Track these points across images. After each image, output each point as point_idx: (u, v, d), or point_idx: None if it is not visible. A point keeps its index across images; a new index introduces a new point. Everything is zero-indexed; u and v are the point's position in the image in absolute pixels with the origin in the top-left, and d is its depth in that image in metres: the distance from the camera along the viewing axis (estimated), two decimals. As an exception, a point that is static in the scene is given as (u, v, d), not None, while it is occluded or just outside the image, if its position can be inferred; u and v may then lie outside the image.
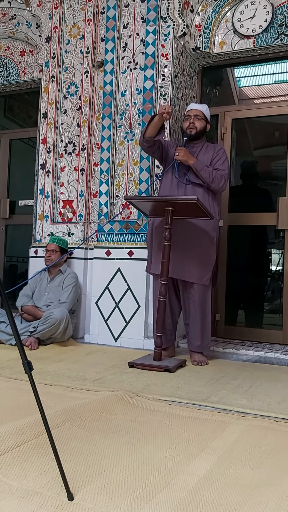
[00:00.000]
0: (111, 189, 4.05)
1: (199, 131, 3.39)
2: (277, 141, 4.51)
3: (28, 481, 1.39)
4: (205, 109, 3.45)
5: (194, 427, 1.92)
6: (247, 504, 1.30)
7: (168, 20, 3.93)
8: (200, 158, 3.31)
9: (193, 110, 3.42)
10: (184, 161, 3.22)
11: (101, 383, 2.57)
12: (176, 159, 3.23)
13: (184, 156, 3.20)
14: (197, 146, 3.41)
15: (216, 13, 4.05)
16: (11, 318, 1.39)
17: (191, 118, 3.39)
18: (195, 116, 3.39)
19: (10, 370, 2.81)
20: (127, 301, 3.85)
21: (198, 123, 3.38)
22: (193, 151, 3.36)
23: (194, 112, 3.40)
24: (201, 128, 3.40)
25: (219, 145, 3.56)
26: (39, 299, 3.95)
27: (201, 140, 3.45)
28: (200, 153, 3.36)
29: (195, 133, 3.37)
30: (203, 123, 3.41)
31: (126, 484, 1.39)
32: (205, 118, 3.43)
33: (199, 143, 3.44)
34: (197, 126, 3.38)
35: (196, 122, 3.38)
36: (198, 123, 3.38)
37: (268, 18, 3.86)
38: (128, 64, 4.04)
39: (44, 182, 4.39)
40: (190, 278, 3.23)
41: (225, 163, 3.34)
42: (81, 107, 4.26)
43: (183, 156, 3.20)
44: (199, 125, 3.38)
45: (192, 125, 3.38)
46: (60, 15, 4.37)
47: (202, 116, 3.40)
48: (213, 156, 3.34)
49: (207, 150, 3.39)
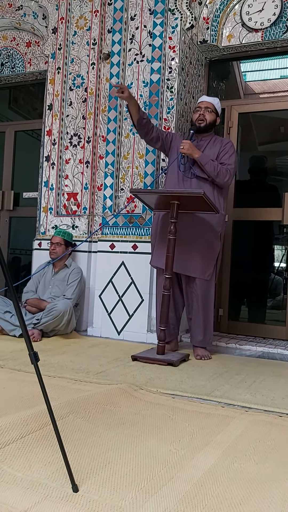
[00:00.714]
0: (116, 182, 4.04)
1: (209, 123, 3.36)
2: (282, 137, 4.49)
3: (32, 472, 1.38)
4: (216, 102, 3.43)
5: (198, 421, 1.92)
6: (252, 498, 1.29)
7: (176, 12, 3.89)
8: (207, 151, 3.29)
9: (204, 102, 3.39)
10: (189, 154, 3.19)
11: (104, 376, 2.57)
12: (181, 152, 3.20)
13: (189, 150, 3.17)
14: (205, 139, 3.38)
15: (224, 5, 4.01)
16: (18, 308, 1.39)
17: (201, 110, 3.37)
18: (206, 108, 3.36)
19: (13, 361, 2.81)
20: (130, 294, 3.85)
21: (208, 116, 3.36)
22: (200, 144, 3.34)
23: (205, 104, 3.38)
24: (211, 121, 3.37)
25: (226, 139, 3.52)
26: (43, 292, 3.95)
27: (209, 133, 3.43)
28: (208, 147, 3.33)
29: (204, 125, 3.35)
30: (213, 116, 3.38)
31: (130, 477, 1.38)
32: (216, 111, 3.40)
33: (208, 136, 3.41)
34: (207, 119, 3.36)
35: (206, 114, 3.35)
36: (208, 115, 3.36)
37: (276, 12, 3.82)
38: (135, 56, 4.01)
39: (49, 174, 4.37)
40: (193, 273, 3.21)
41: (232, 157, 3.30)
42: (87, 99, 4.24)
43: (188, 150, 3.17)
44: (209, 117, 3.36)
45: (202, 117, 3.35)
46: (67, 6, 4.34)
47: (212, 109, 3.37)
48: (220, 150, 3.31)
49: (215, 144, 3.36)
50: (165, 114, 3.89)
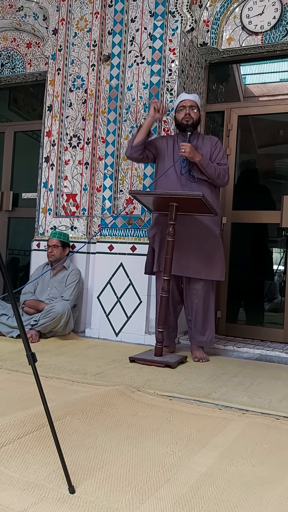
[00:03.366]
0: (115, 183, 4.04)
1: (196, 122, 3.35)
2: (281, 140, 4.49)
3: (29, 473, 1.38)
4: (198, 99, 3.39)
5: (195, 423, 1.92)
6: (249, 501, 1.29)
7: (176, 14, 3.90)
8: (199, 151, 3.27)
9: (187, 101, 3.35)
10: (190, 158, 3.16)
11: (102, 377, 2.57)
12: (182, 155, 3.17)
13: (191, 153, 3.14)
14: (193, 139, 3.36)
15: (225, 8, 4.02)
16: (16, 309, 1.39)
17: (186, 109, 3.34)
18: (190, 107, 3.33)
19: (11, 362, 2.81)
20: (128, 296, 3.85)
21: (194, 114, 3.34)
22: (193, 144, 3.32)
23: (189, 103, 3.34)
24: (197, 119, 3.36)
25: (214, 137, 3.48)
26: (41, 294, 3.94)
27: (195, 133, 3.41)
28: (199, 147, 3.31)
29: (191, 123, 3.32)
30: (198, 114, 3.36)
31: (127, 478, 1.38)
32: (199, 109, 3.39)
33: (194, 135, 3.38)
34: (194, 117, 3.33)
35: (191, 113, 3.33)
36: (194, 114, 3.34)
37: (276, 15, 3.83)
38: (135, 58, 4.02)
39: (48, 175, 4.37)
40: (195, 274, 3.21)
41: (224, 156, 3.34)
42: (86, 101, 4.24)
43: (189, 153, 3.13)
44: (195, 116, 3.34)
45: (188, 116, 3.33)
46: (67, 8, 4.35)
47: (196, 107, 3.35)
48: (211, 150, 3.31)
49: (204, 143, 3.35)
50: (165, 116, 3.90)
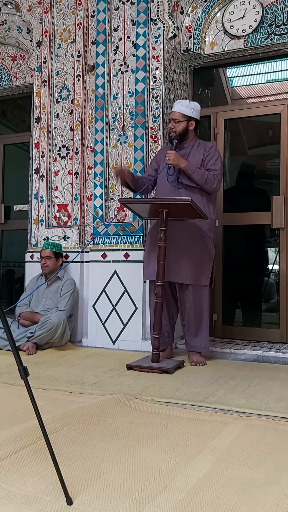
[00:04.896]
0: (106, 192, 4.06)
1: (179, 134, 3.34)
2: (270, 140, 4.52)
3: (27, 487, 1.39)
4: (185, 107, 3.36)
5: (192, 428, 1.93)
6: (246, 504, 1.30)
7: (158, 22, 3.93)
8: (191, 158, 3.29)
9: (172, 114, 3.38)
10: (175, 164, 3.19)
11: (99, 387, 2.57)
12: (167, 163, 3.20)
13: (175, 160, 3.16)
14: (188, 146, 3.38)
15: (206, 14, 4.06)
16: (5, 323, 1.40)
17: (170, 122, 3.38)
18: (174, 120, 3.35)
19: (8, 375, 2.80)
20: (124, 303, 3.85)
21: (177, 127, 3.34)
22: (184, 152, 3.34)
23: (173, 116, 3.36)
24: (181, 131, 3.34)
25: (210, 143, 3.52)
26: (36, 305, 3.95)
27: (191, 139, 3.41)
28: (191, 153, 3.34)
29: (174, 136, 3.34)
30: (182, 125, 3.34)
31: (124, 487, 1.39)
32: (186, 117, 3.34)
33: (189, 142, 3.40)
34: (177, 130, 3.34)
35: (175, 126, 3.35)
36: (177, 126, 3.34)
37: (258, 18, 3.87)
38: (120, 67, 4.05)
39: (39, 186, 4.39)
40: (185, 280, 3.22)
41: (217, 162, 3.30)
42: (73, 111, 4.26)
43: (173, 160, 3.16)
44: (178, 128, 3.34)
45: (172, 130, 3.36)
46: (50, 20, 4.38)
47: (179, 118, 3.34)
48: (204, 155, 3.32)
49: (198, 149, 3.36)
50: (152, 123, 3.93)
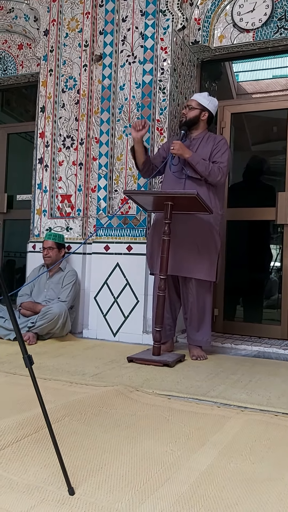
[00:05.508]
0: (110, 183, 4.04)
1: (189, 119, 3.34)
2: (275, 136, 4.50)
3: (28, 476, 1.38)
4: (202, 97, 3.38)
5: (194, 421, 1.92)
6: (249, 498, 1.29)
7: (167, 13, 3.90)
8: (200, 150, 3.27)
9: (188, 101, 3.42)
10: (180, 154, 3.17)
11: (100, 378, 2.57)
12: (172, 153, 3.19)
13: (180, 150, 3.15)
14: (197, 138, 3.37)
15: (216, 6, 4.02)
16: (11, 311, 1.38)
17: (184, 108, 3.39)
18: (188, 106, 3.37)
19: (9, 364, 2.80)
20: (125, 296, 3.84)
21: (189, 113, 3.35)
22: (192, 143, 3.33)
23: (188, 102, 3.40)
24: (192, 117, 3.34)
25: (220, 136, 3.50)
26: (38, 296, 3.94)
27: (201, 131, 3.40)
28: (200, 146, 3.32)
29: (184, 121, 3.34)
30: (195, 112, 3.34)
31: (127, 479, 1.38)
32: (201, 106, 3.35)
33: (199, 134, 3.38)
34: (187, 116, 3.35)
35: (187, 111, 3.35)
36: (189, 112, 3.35)
37: (267, 12, 3.83)
38: (127, 58, 4.02)
39: (42, 176, 4.36)
40: (189, 273, 3.21)
41: (224, 155, 3.26)
42: (79, 101, 4.23)
43: (178, 150, 3.15)
44: (190, 114, 3.35)
45: (183, 114, 3.37)
46: (58, 8, 4.33)
47: (194, 105, 3.34)
48: (212, 148, 3.29)
49: (208, 142, 3.34)
50: (158, 115, 3.90)
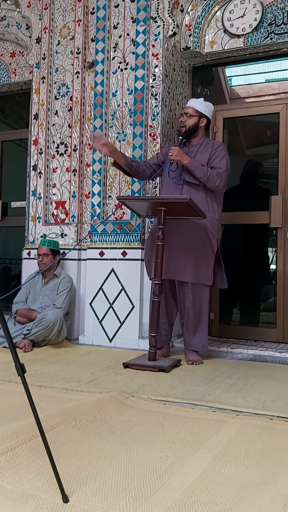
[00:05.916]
0: (104, 189, 4.05)
1: (189, 128, 3.36)
2: (269, 140, 4.52)
3: (23, 484, 1.38)
4: (199, 104, 3.39)
5: (189, 426, 1.92)
6: (243, 503, 1.30)
7: (158, 20, 3.92)
8: (198, 156, 3.29)
9: (185, 108, 3.43)
10: (178, 161, 3.19)
11: (96, 384, 2.57)
12: (170, 159, 3.21)
13: (178, 156, 3.17)
14: (196, 144, 3.39)
15: (206, 12, 4.05)
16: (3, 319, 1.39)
17: (182, 116, 3.40)
18: (185, 114, 3.38)
19: (4, 372, 2.79)
20: (121, 301, 3.85)
21: (188, 121, 3.37)
22: (191, 150, 3.35)
23: (185, 110, 3.41)
24: (191, 125, 3.36)
25: (218, 142, 3.52)
26: (33, 303, 3.93)
27: (200, 137, 3.42)
28: (199, 152, 3.34)
29: (184, 131, 3.36)
30: (193, 120, 3.37)
31: (121, 485, 1.38)
32: (198, 113, 3.37)
33: (198, 140, 3.40)
34: (187, 124, 3.37)
35: (186, 120, 3.37)
36: (188, 120, 3.37)
37: (258, 17, 3.86)
38: (119, 65, 4.04)
39: (36, 183, 4.37)
40: (186, 278, 3.21)
41: (222, 160, 3.27)
42: (72, 108, 4.25)
43: (176, 156, 3.16)
44: (189, 122, 3.37)
45: (182, 123, 3.39)
46: (50, 16, 4.36)
47: (192, 113, 3.36)
48: (211, 154, 3.31)
49: (206, 148, 3.35)
50: (150, 121, 3.92)
